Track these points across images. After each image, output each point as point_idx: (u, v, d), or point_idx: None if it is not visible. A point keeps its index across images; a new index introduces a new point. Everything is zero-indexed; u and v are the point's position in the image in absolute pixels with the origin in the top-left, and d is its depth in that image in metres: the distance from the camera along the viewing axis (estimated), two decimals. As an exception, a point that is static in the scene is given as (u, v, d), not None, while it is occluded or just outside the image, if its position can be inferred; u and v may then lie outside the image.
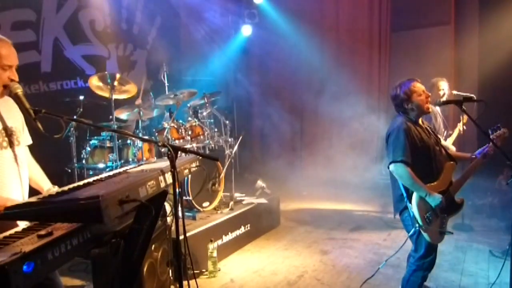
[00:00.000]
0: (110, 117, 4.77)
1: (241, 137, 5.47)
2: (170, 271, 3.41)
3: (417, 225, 2.95)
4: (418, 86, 3.12)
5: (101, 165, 4.78)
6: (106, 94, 4.70)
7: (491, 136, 3.12)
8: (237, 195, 5.48)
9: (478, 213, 5.97)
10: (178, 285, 1.94)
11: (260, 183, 5.90)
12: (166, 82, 5.55)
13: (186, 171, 2.34)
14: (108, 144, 4.87)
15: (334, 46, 8.14)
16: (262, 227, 5.39)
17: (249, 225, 5.06)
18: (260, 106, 8.67)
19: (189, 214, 4.68)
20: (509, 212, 3.19)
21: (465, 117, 4.81)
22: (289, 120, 8.31)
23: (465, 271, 4.14)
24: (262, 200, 5.47)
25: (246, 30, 8.46)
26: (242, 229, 4.94)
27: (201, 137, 5.13)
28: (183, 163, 2.27)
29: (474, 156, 3.19)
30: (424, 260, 3.08)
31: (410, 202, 2.98)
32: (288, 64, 8.44)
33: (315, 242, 5.15)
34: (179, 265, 2.02)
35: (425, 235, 2.95)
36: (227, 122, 5.63)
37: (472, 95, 3.47)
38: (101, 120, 5.11)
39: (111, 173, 2.10)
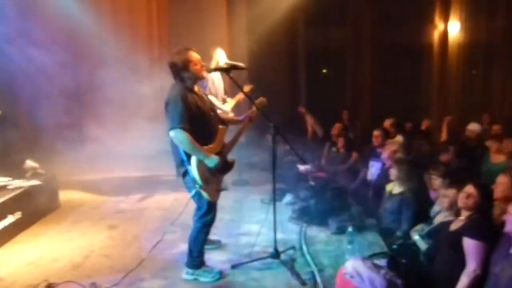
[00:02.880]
0: None
1: (-1, 114, 4.59)
2: None
3: (197, 186, 3.11)
4: (194, 56, 3.22)
5: None
6: None
7: (255, 102, 3.56)
8: (0, 179, 4.65)
9: (252, 169, 6.77)
10: None
11: (30, 163, 5.14)
12: None
13: None
14: None
15: (111, 13, 7.59)
16: (37, 212, 4.76)
17: (20, 212, 4.37)
18: (27, 79, 7.41)
19: None
20: (276, 165, 3.76)
21: (248, 86, 5.25)
22: (64, 92, 7.43)
23: (242, 220, 4.70)
24: (35, 182, 4.80)
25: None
26: (10, 219, 4.22)
27: None
28: None
29: (241, 119, 3.63)
30: (207, 217, 3.31)
31: (190, 165, 3.10)
32: (58, 30, 7.42)
33: (102, 218, 4.90)
34: None
35: (204, 194, 3.15)
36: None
37: (239, 63, 3.78)
38: None
39: None
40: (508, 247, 2.53)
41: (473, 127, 6.41)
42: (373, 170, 5.34)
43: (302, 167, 5.71)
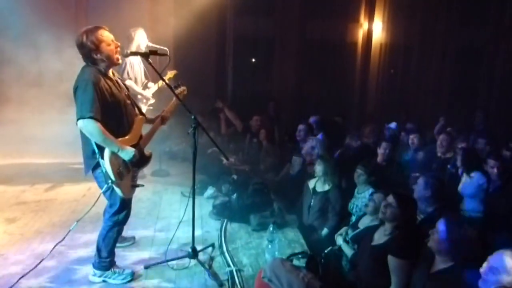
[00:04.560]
0: None
1: None
2: None
3: (109, 181, 2.83)
4: (107, 35, 2.89)
5: None
6: None
7: (176, 92, 3.35)
8: None
9: (173, 159, 6.46)
10: None
11: None
12: None
13: None
14: None
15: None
16: None
17: None
18: None
19: None
20: (198, 155, 3.59)
21: (171, 72, 4.90)
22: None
23: (160, 214, 4.44)
24: None
25: None
26: None
27: None
28: None
29: (152, 119, 3.34)
30: (119, 215, 3.06)
31: (103, 158, 2.81)
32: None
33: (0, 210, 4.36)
34: None
35: (117, 190, 2.88)
36: None
37: (162, 47, 3.54)
38: None
39: None
40: (430, 265, 2.46)
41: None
42: (295, 164, 5.37)
43: (225, 160, 5.58)
